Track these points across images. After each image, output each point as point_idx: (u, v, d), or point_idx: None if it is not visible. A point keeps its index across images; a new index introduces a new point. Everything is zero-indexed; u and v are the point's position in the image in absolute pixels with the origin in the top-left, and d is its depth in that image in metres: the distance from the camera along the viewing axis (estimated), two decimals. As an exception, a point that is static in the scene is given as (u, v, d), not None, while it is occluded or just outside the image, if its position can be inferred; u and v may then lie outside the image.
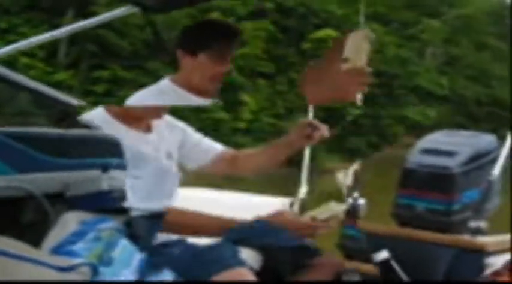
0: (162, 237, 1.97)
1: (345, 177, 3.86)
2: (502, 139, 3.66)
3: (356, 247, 3.51)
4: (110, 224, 2.46)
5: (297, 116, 4.96)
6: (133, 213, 1.96)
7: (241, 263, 1.92)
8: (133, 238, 2.02)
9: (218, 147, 2.32)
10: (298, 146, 2.23)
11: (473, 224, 3.44)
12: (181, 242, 2.04)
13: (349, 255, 3.60)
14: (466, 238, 3.40)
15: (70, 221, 1.98)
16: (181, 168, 2.27)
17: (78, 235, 2.31)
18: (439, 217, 3.49)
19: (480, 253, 3.32)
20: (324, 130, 2.19)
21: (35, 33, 3.18)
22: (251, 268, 1.95)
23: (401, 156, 3.64)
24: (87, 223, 2.42)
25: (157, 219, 1.94)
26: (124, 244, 2.03)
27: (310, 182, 2.42)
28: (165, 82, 2.09)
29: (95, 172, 2.96)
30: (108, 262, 1.93)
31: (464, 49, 40.04)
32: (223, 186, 3.08)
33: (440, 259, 3.35)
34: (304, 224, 1.81)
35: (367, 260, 3.43)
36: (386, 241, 3.39)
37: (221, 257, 1.90)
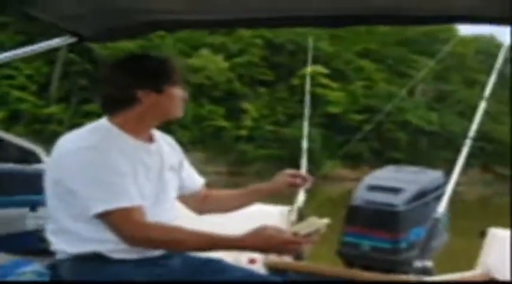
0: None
1: (289, 214, 3.83)
2: (493, 174, 3.62)
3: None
4: (31, 268, 2.38)
5: (297, 122, 5.03)
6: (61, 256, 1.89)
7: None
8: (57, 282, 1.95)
9: (200, 182, 2.21)
10: (278, 192, 2.20)
11: (419, 263, 3.37)
12: (181, 254, 1.98)
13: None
14: (412, 278, 3.32)
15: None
16: None
17: (-4, 280, 2.24)
18: (385, 255, 3.42)
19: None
20: (309, 181, 2.18)
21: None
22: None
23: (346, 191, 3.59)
24: (6, 267, 2.35)
25: (85, 262, 1.86)
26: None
27: (312, 189, 2.38)
28: (104, 124, 1.94)
29: (22, 211, 2.90)
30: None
31: (454, 85, 40.44)
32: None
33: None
34: (287, 240, 1.74)
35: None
36: (331, 282, 3.32)
37: (222, 268, 1.95)
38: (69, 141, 1.88)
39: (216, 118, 32.36)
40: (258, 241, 1.76)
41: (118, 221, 1.77)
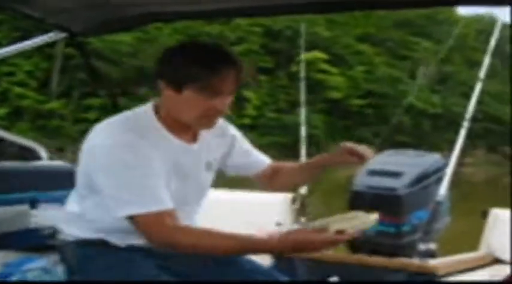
0: None
1: (293, 201, 3.84)
2: (500, 154, 3.62)
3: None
4: (36, 265, 2.39)
5: (299, 109, 5.05)
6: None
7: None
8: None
9: (264, 162, 2.09)
10: (334, 166, 2.03)
11: (423, 246, 3.37)
12: None
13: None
14: (416, 262, 3.33)
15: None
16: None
17: (1, 278, 2.25)
18: (390, 240, 3.43)
19: (432, 276, 3.25)
20: (369, 154, 1.97)
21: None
22: None
23: (352, 176, 3.59)
24: (11, 265, 2.36)
25: (91, 246, 1.81)
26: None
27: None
28: (148, 114, 1.79)
29: (23, 208, 2.89)
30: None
31: (456, 67, 40.27)
32: (227, 184, 3.01)
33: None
34: (329, 241, 1.64)
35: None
36: (336, 268, 3.33)
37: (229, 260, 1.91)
38: (104, 133, 1.76)
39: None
40: (290, 244, 1.64)
41: (147, 225, 1.69)
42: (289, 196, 3.74)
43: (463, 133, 3.95)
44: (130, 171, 1.68)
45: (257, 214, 3.50)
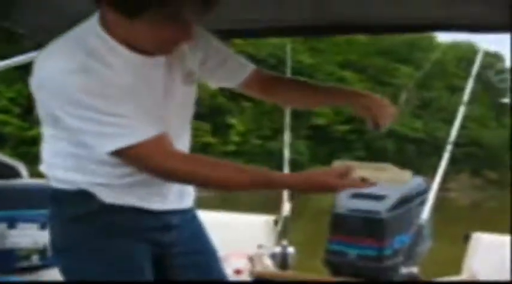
0: None
1: (275, 223, 3.82)
2: (483, 178, 3.65)
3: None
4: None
5: (283, 135, 5.01)
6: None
7: None
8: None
9: (249, 65, 1.82)
10: (350, 104, 1.79)
11: (405, 270, 3.37)
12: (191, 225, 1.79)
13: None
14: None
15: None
16: None
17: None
18: (371, 263, 3.42)
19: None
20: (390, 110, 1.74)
21: None
22: None
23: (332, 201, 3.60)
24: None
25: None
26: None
27: (302, 199, 2.25)
28: (96, 31, 1.49)
29: (0, 227, 2.83)
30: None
31: (437, 92, 40.78)
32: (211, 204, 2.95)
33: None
34: (346, 186, 1.47)
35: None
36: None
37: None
38: (53, 61, 1.47)
39: (203, 135, 32.36)
40: (306, 183, 1.52)
41: (140, 155, 1.47)
42: (272, 218, 3.73)
43: (445, 157, 3.99)
44: (101, 100, 1.44)
45: (239, 235, 3.48)
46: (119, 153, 1.47)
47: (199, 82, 1.76)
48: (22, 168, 3.12)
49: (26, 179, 3.12)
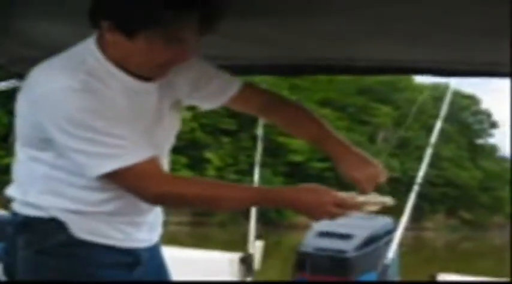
0: None
1: (242, 261, 3.79)
2: (459, 219, 3.66)
3: None
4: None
5: (260, 171, 4.97)
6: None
7: None
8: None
9: (236, 82, 1.79)
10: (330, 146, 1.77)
11: (370, 309, 3.35)
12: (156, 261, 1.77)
13: None
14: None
15: None
16: None
17: None
18: (337, 302, 3.40)
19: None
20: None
21: None
22: None
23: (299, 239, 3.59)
24: None
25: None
26: None
27: (277, 237, 2.18)
28: (91, 52, 1.50)
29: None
30: None
31: (413, 132, 41.34)
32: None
33: None
34: (338, 201, 1.50)
35: None
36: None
37: None
38: (48, 77, 1.46)
39: (179, 168, 32.16)
40: (310, 195, 1.53)
41: (138, 177, 1.46)
42: (237, 255, 3.69)
43: (412, 197, 4.02)
44: (101, 121, 1.42)
45: (205, 271, 3.44)
46: (114, 174, 1.45)
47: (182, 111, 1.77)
48: None
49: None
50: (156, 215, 1.73)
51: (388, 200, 1.63)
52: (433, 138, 4.43)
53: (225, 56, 2.27)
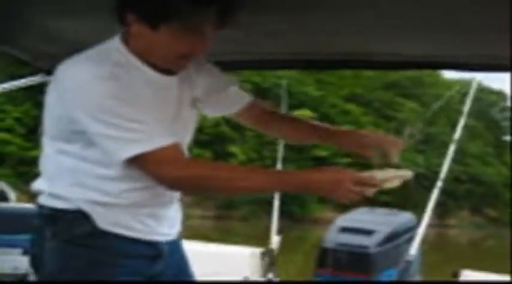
0: None
1: (262, 256, 3.81)
2: (483, 216, 3.63)
3: None
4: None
5: (285, 166, 5.00)
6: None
7: None
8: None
9: (246, 96, 1.90)
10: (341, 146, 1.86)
11: (391, 305, 3.36)
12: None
13: None
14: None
15: None
16: None
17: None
18: (358, 297, 3.41)
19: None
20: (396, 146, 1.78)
21: None
22: None
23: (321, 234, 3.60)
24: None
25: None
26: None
27: (302, 232, 2.19)
28: (117, 47, 1.59)
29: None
30: None
31: (440, 128, 40.87)
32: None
33: None
34: (357, 179, 1.53)
35: None
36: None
37: None
38: (76, 70, 1.55)
39: (203, 162, 32.37)
40: (328, 174, 1.56)
41: (160, 161, 1.51)
42: (259, 250, 3.72)
43: (435, 193, 4.00)
44: (127, 107, 1.50)
45: (226, 266, 3.47)
46: (137, 158, 1.51)
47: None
48: (10, 192, 3.13)
49: (11, 203, 3.12)
50: (176, 211, 1.80)
51: (407, 173, 1.64)
52: (457, 134, 4.40)
53: (244, 50, 2.30)
